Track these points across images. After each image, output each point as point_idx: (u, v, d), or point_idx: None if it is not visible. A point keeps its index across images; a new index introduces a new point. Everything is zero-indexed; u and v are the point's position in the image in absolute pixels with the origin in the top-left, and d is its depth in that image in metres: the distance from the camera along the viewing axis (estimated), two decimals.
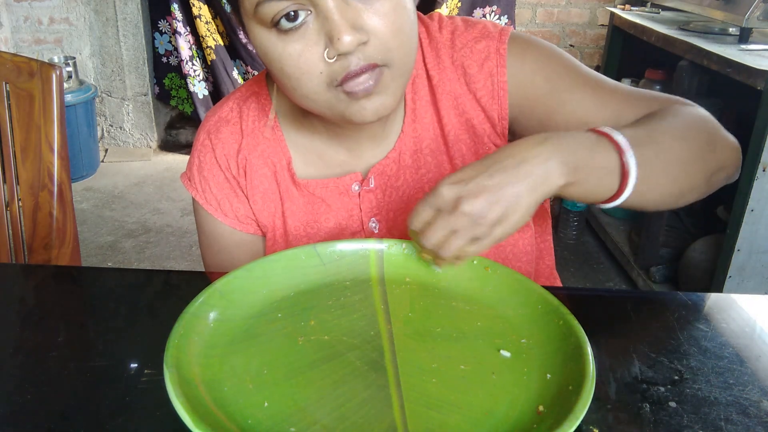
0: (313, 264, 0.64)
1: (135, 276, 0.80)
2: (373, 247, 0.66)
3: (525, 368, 0.52)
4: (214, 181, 0.77)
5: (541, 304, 0.57)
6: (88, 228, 2.57)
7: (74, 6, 3.12)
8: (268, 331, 0.56)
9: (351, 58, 0.58)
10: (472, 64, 0.72)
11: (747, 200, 1.61)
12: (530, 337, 0.55)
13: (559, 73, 0.72)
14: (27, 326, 0.61)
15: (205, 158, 0.77)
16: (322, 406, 0.47)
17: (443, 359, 0.53)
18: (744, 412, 0.51)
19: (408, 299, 0.61)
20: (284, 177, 0.76)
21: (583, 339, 0.51)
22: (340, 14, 0.57)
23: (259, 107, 0.77)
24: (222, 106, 0.79)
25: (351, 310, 0.59)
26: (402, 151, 0.75)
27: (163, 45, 3.23)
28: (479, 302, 0.61)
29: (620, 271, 2.26)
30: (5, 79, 1.00)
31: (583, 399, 0.44)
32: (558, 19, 3.25)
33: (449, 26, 0.74)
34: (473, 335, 0.56)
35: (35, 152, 1.01)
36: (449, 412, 0.47)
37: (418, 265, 0.65)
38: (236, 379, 0.50)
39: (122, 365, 0.55)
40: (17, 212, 1.02)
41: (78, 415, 0.49)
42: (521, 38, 0.73)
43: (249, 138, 0.76)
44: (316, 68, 0.59)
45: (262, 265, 0.62)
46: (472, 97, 0.73)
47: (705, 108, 0.69)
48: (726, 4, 1.94)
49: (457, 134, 0.74)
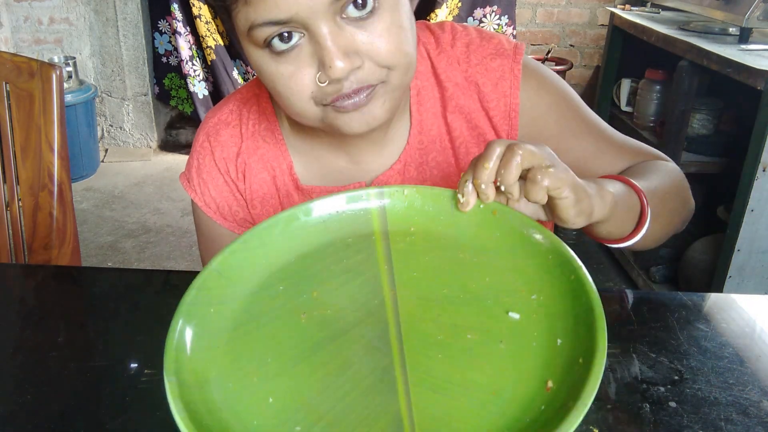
0: (312, 223, 0.61)
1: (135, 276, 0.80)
2: (374, 193, 0.62)
3: (535, 332, 0.49)
4: (213, 184, 0.77)
5: (552, 255, 0.54)
6: (88, 228, 2.57)
7: (74, 6, 3.12)
8: (270, 309, 0.54)
9: (344, 82, 0.57)
10: (487, 82, 0.72)
11: (747, 200, 1.61)
12: (540, 293, 0.52)
13: (568, 118, 0.74)
14: (27, 326, 0.61)
15: (204, 161, 0.77)
16: (327, 398, 0.47)
17: (449, 328, 0.51)
18: (744, 412, 0.51)
19: (413, 254, 0.58)
20: (285, 182, 0.76)
21: (596, 300, 0.48)
22: (333, 39, 0.55)
23: (260, 110, 0.76)
24: (222, 108, 0.78)
25: (354, 274, 0.57)
26: (407, 163, 0.74)
27: (162, 45, 3.23)
28: (487, 253, 0.57)
29: (620, 271, 2.26)
30: (5, 79, 1.00)
31: (593, 375, 0.42)
32: (558, 19, 3.24)
33: (463, 39, 0.73)
34: (481, 295, 0.53)
35: (35, 152, 1.01)
36: (455, 395, 0.46)
37: (422, 212, 0.61)
38: (240, 373, 0.49)
39: (122, 365, 0.55)
40: (17, 212, 1.02)
41: (78, 415, 0.49)
42: (534, 69, 0.73)
43: (249, 141, 0.76)
44: (307, 89, 0.59)
45: (259, 234, 0.59)
46: (485, 115, 0.73)
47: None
48: (726, 4, 1.94)
49: (468, 147, 0.74)
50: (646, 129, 2.27)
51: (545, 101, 0.73)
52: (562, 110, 0.74)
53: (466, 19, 2.96)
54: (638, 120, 2.32)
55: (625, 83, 2.46)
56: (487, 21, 2.96)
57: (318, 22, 0.55)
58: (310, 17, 0.54)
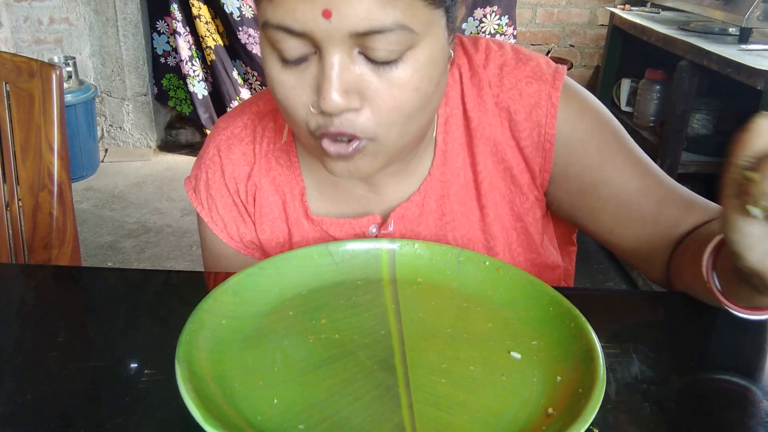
0: (325, 263, 0.64)
1: (135, 276, 0.80)
2: (386, 246, 0.66)
3: (535, 370, 0.52)
4: (221, 202, 0.73)
5: (553, 306, 0.57)
6: (88, 228, 2.57)
7: (74, 6, 3.12)
8: (279, 328, 0.56)
9: (333, 119, 0.53)
10: (520, 109, 0.66)
11: None
12: (541, 339, 0.55)
13: (611, 147, 0.67)
14: (27, 326, 0.61)
15: (214, 176, 0.73)
16: (331, 404, 0.47)
17: (453, 360, 0.53)
18: (744, 412, 0.51)
19: (419, 299, 0.61)
20: (295, 208, 0.72)
21: (594, 341, 0.51)
22: (339, 72, 0.51)
23: (276, 128, 0.72)
24: (236, 121, 0.73)
25: (362, 309, 0.59)
26: (427, 195, 0.69)
27: (161, 45, 3.23)
28: (490, 303, 0.61)
29: (620, 271, 2.26)
30: (5, 79, 1.00)
31: (592, 402, 0.44)
32: (558, 19, 3.25)
33: (497, 60, 0.67)
34: (484, 336, 0.56)
35: (35, 152, 1.01)
36: (457, 413, 0.47)
37: (430, 265, 0.65)
38: (246, 376, 0.50)
39: (122, 365, 0.55)
40: (17, 212, 1.02)
41: (78, 415, 0.49)
42: (575, 92, 0.67)
43: (262, 162, 0.72)
44: (302, 109, 0.55)
45: (275, 263, 0.62)
46: (515, 145, 0.67)
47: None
48: (726, 4, 1.94)
49: (493, 182, 0.69)
50: (646, 129, 2.27)
51: (586, 126, 0.67)
52: (606, 138, 0.67)
53: (466, 19, 2.96)
54: (638, 120, 2.32)
55: (625, 83, 2.46)
56: (487, 21, 2.96)
57: (330, 48, 0.51)
58: (325, 40, 0.50)
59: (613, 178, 0.67)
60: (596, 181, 0.68)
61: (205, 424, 0.42)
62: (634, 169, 0.68)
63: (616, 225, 0.69)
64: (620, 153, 0.68)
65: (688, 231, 0.68)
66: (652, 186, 0.68)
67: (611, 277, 2.24)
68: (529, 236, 0.71)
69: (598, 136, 0.67)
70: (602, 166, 0.67)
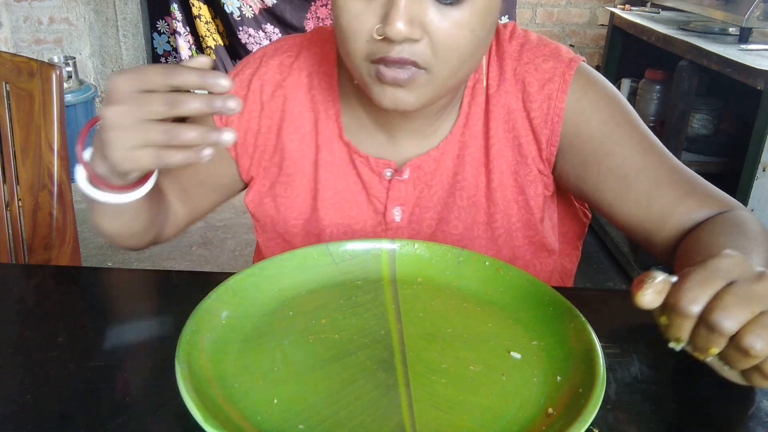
0: (325, 263, 0.65)
1: (135, 276, 0.80)
2: (385, 246, 0.66)
3: (535, 370, 0.52)
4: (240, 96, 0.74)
5: (553, 306, 0.57)
6: (88, 228, 2.57)
7: (74, 6, 3.12)
8: (280, 328, 0.56)
9: (395, 46, 0.57)
10: (534, 81, 0.70)
11: (747, 200, 1.61)
12: (541, 339, 0.55)
13: (616, 121, 0.69)
14: (27, 326, 0.61)
15: (244, 72, 0.75)
16: (332, 404, 0.47)
17: (453, 360, 0.53)
18: (744, 413, 0.51)
19: (419, 299, 0.61)
20: (329, 127, 0.74)
21: (594, 341, 0.51)
22: (408, 2, 0.55)
23: (323, 54, 0.75)
24: (287, 39, 0.77)
25: (362, 310, 0.59)
26: (445, 152, 0.73)
27: (161, 45, 3.23)
28: (491, 303, 0.61)
29: (620, 271, 2.26)
30: (5, 79, 1.00)
31: (592, 402, 0.44)
32: (558, 19, 3.25)
33: (520, 38, 0.72)
34: (484, 336, 0.56)
35: (35, 152, 1.01)
36: (458, 413, 0.47)
37: (430, 265, 0.65)
38: (247, 376, 0.50)
39: (122, 365, 0.55)
40: (17, 212, 1.02)
41: (78, 415, 0.49)
42: (588, 72, 0.72)
43: (302, 77, 0.74)
44: (363, 35, 0.58)
45: (275, 264, 0.63)
46: (525, 116, 0.71)
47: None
48: (726, 4, 1.94)
49: (501, 149, 0.72)
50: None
51: (591, 99, 0.70)
52: (611, 111, 0.70)
53: None
54: None
55: (625, 83, 2.46)
56: None
57: None
58: None
59: (615, 151, 0.69)
60: (599, 152, 0.70)
61: (205, 425, 0.42)
62: (637, 145, 0.69)
63: (615, 200, 0.71)
64: (624, 127, 0.70)
65: (684, 223, 0.68)
66: (652, 165, 0.69)
67: (611, 277, 2.24)
68: (529, 210, 0.73)
69: (603, 109, 0.70)
70: (604, 139, 0.69)
